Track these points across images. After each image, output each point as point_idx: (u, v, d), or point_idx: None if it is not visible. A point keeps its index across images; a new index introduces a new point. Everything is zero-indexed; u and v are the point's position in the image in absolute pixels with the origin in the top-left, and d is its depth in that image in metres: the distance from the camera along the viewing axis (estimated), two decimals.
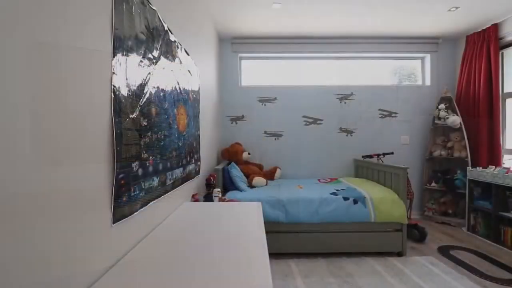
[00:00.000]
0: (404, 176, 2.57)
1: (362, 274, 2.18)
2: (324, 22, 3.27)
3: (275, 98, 3.76)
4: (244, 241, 1.08)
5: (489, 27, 3.23)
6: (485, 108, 3.22)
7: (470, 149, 3.34)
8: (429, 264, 2.33)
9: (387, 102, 3.81)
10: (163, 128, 1.37)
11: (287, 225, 2.46)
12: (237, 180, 2.69)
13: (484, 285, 2.04)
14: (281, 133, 3.75)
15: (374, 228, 2.50)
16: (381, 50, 3.80)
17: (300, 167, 3.74)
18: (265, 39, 3.70)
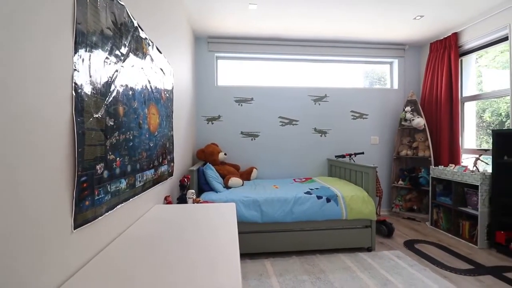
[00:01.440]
0: (373, 175, 2.70)
1: (334, 270, 2.25)
2: (300, 25, 3.34)
3: (251, 99, 3.77)
4: (216, 242, 1.07)
5: (450, 36, 3.48)
6: (446, 111, 3.47)
7: (433, 149, 3.59)
8: (396, 258, 2.47)
9: (358, 104, 3.97)
10: (132, 128, 1.32)
11: (262, 225, 2.48)
12: (213, 181, 2.66)
13: (444, 275, 2.20)
14: (257, 134, 3.77)
15: (345, 225, 2.60)
16: (353, 54, 3.95)
17: (276, 167, 3.79)
18: (242, 40, 3.70)
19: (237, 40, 3.70)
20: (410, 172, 3.77)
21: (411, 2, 2.81)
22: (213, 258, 0.93)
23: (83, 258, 0.93)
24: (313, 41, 3.82)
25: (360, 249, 2.66)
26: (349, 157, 3.58)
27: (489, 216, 2.72)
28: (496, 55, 3.29)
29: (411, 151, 3.78)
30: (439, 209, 3.30)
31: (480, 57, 3.47)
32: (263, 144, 3.77)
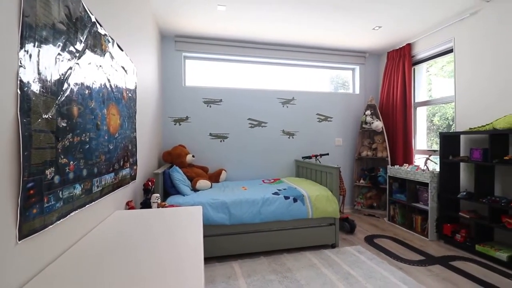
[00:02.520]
0: (337, 175, 2.84)
1: (300, 268, 2.32)
2: (269, 29, 3.40)
3: (220, 100, 3.75)
4: (179, 247, 1.05)
5: (404, 46, 3.79)
6: (401, 115, 3.77)
7: (390, 150, 3.88)
8: (357, 253, 2.62)
9: (324, 108, 4.15)
10: (89, 130, 1.24)
11: (231, 227, 2.47)
12: (179, 184, 2.59)
13: (400, 267, 2.38)
14: (226, 135, 3.75)
15: (311, 224, 2.69)
16: (319, 60, 4.12)
17: (245, 169, 3.80)
18: (211, 40, 3.66)
19: (206, 41, 3.65)
20: (370, 172, 4.03)
21: (370, 14, 3.02)
22: (175, 264, 0.91)
23: (30, 272, 0.85)
24: (281, 45, 3.90)
25: (325, 246, 2.78)
26: (315, 158, 3.72)
27: (437, 211, 3.00)
28: (444, 65, 3.65)
29: (371, 152, 4.04)
30: (395, 205, 3.57)
31: (430, 67, 3.82)
32: (232, 145, 3.77)
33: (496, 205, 2.43)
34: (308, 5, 2.81)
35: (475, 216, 2.69)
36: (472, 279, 2.16)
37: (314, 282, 2.09)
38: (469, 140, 2.94)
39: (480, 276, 2.21)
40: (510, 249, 2.45)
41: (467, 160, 2.73)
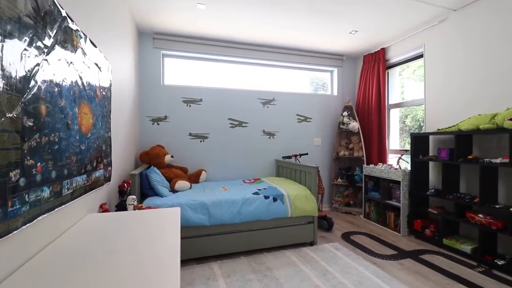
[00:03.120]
0: (315, 174, 2.91)
1: (279, 266, 2.35)
2: (250, 30, 3.41)
3: (200, 100, 3.71)
4: (154, 250, 1.03)
5: (379, 50, 3.96)
6: (376, 116, 3.93)
7: (366, 150, 4.03)
8: (334, 250, 2.70)
9: (303, 108, 4.23)
10: (58, 130, 1.18)
11: (210, 227, 2.45)
12: (157, 185, 2.53)
13: (374, 262, 2.48)
14: (206, 135, 3.71)
15: (290, 223, 2.74)
16: (299, 61, 4.19)
17: (225, 169, 3.79)
18: (191, 39, 3.61)
19: (186, 39, 3.59)
20: (347, 171, 4.16)
21: (347, 18, 3.12)
22: (149, 267, 0.89)
23: None
24: (262, 46, 3.93)
25: (304, 244, 2.84)
26: (295, 158, 3.79)
27: (408, 207, 3.17)
28: (415, 69, 3.85)
29: (348, 151, 4.18)
30: (370, 203, 3.72)
31: (403, 71, 4.02)
32: (213, 145, 3.74)
33: (461, 201, 2.61)
34: (287, 7, 2.85)
35: (443, 211, 2.87)
36: (439, 271, 2.30)
37: (292, 279, 2.13)
38: (437, 141, 3.12)
39: (446, 268, 2.37)
40: (473, 242, 2.64)
41: (435, 159, 2.90)
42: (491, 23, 2.62)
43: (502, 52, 2.53)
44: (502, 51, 2.53)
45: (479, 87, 2.71)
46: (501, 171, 2.50)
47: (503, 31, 2.52)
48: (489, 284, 2.09)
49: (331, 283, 2.07)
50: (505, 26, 2.50)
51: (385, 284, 2.06)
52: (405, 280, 2.16)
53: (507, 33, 2.49)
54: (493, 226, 2.35)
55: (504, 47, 2.51)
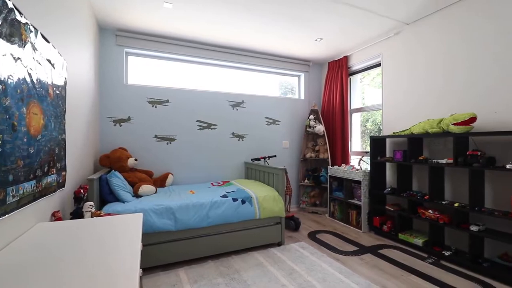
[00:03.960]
0: (283, 176, 2.97)
1: (247, 268, 2.36)
2: (218, 31, 3.39)
3: (167, 101, 3.59)
4: (111, 258, 0.97)
5: (342, 58, 4.18)
6: (339, 120, 4.14)
7: (330, 152, 4.22)
8: (301, 249, 2.78)
9: (272, 111, 4.31)
10: (2, 131, 1.07)
11: (176, 233, 2.38)
12: (119, 190, 2.40)
13: (337, 258, 2.60)
14: (173, 137, 3.61)
15: (258, 224, 2.77)
16: (268, 65, 4.27)
17: (194, 172, 3.71)
18: (157, 38, 3.49)
19: (152, 38, 3.47)
20: (314, 172, 4.32)
21: (313, 26, 3.25)
22: (105, 278, 0.84)
23: None
24: (232, 49, 3.93)
25: (272, 244, 2.89)
26: (264, 160, 3.84)
27: (368, 205, 3.38)
28: (374, 77, 4.13)
29: (314, 153, 4.35)
30: (335, 202, 3.90)
31: (364, 78, 4.29)
32: (180, 148, 3.64)
33: (413, 198, 2.85)
34: (255, 12, 2.90)
35: (398, 208, 3.11)
36: (395, 264, 2.49)
37: (260, 280, 2.15)
38: (393, 143, 3.38)
39: (401, 260, 2.56)
40: (424, 235, 2.89)
41: (391, 160, 3.14)
42: (438, 37, 2.91)
43: (448, 63, 2.82)
44: (447, 63, 2.83)
45: (428, 94, 3.00)
46: (447, 170, 2.78)
47: (448, 45, 2.82)
48: (438, 273, 2.31)
49: (297, 282, 2.12)
50: (449, 41, 2.80)
51: (346, 279, 2.17)
52: (365, 274, 2.30)
53: (451, 47, 2.79)
54: (441, 220, 2.60)
55: (448, 59, 2.81)
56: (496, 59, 2.43)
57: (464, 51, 2.67)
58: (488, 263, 2.31)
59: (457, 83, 2.73)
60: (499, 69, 2.40)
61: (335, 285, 2.09)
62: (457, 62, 2.73)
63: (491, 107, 2.45)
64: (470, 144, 2.53)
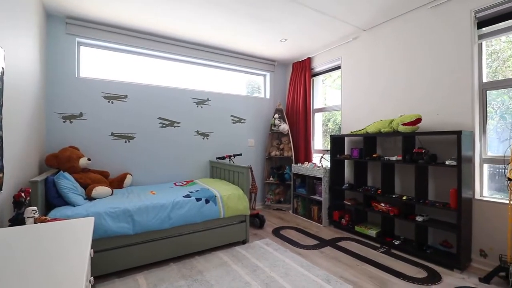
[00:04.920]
0: (248, 174, 2.99)
1: (211, 268, 2.33)
2: (182, 26, 3.27)
3: (125, 96, 3.38)
4: (56, 268, 0.89)
5: (305, 59, 4.32)
6: (303, 119, 4.29)
7: (294, 150, 4.35)
8: (265, 245, 2.83)
9: (238, 110, 4.30)
10: None
11: (135, 236, 2.26)
12: (68, 192, 2.20)
13: (299, 252, 2.70)
14: (133, 136, 3.41)
15: (223, 223, 2.75)
16: (235, 63, 4.25)
17: (155, 172, 3.55)
18: (115, 28, 3.26)
19: (109, 28, 3.22)
20: (278, 170, 4.42)
21: (277, 27, 3.31)
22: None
23: None
24: (197, 44, 3.83)
25: (236, 243, 2.89)
26: (229, 159, 3.82)
27: (329, 201, 3.55)
28: (335, 79, 4.34)
29: (279, 151, 4.44)
30: (298, 198, 4.03)
31: (325, 79, 4.48)
32: (140, 147, 3.45)
33: (368, 193, 3.07)
34: (221, 8, 2.85)
35: (355, 202, 3.32)
36: (351, 254, 2.65)
37: (223, 280, 2.13)
38: (351, 142, 3.59)
39: (356, 251, 2.74)
40: (377, 227, 3.13)
41: (349, 158, 3.33)
42: (392, 44, 3.16)
43: (399, 68, 3.08)
44: (399, 68, 3.08)
45: (381, 96, 3.24)
46: (397, 167, 3.04)
47: (396, 52, 3.07)
48: (388, 261, 2.51)
49: (260, 278, 2.15)
50: (403, 46, 3.05)
51: (307, 272, 2.26)
52: (324, 265, 2.41)
53: (399, 55, 3.05)
54: (391, 212, 2.83)
55: (401, 64, 3.06)
56: (435, 68, 2.71)
57: (409, 59, 2.93)
58: (431, 250, 2.58)
59: (404, 87, 2.99)
60: (439, 77, 2.68)
61: (296, 278, 2.16)
62: (404, 68, 2.99)
63: (433, 110, 2.73)
64: (416, 142, 2.80)
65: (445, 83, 2.65)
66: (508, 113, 2.44)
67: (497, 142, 2.47)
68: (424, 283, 2.12)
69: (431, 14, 2.75)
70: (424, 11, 2.80)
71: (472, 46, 2.47)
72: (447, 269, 2.35)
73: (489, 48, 2.54)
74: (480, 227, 2.40)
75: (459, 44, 2.55)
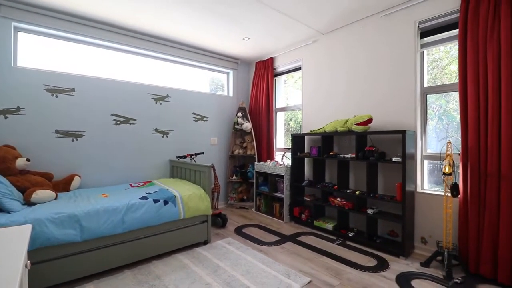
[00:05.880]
0: (209, 173, 2.93)
1: (170, 272, 2.24)
2: (140, 17, 3.07)
3: (73, 89, 3.07)
4: None
5: (268, 59, 4.37)
6: (265, 118, 4.34)
7: (257, 148, 4.39)
8: (227, 245, 2.81)
9: (200, 107, 4.19)
10: None
11: (83, 243, 2.07)
12: (1, 198, 1.92)
13: (261, 249, 2.73)
14: (81, 133, 3.11)
15: (183, 225, 2.66)
16: (196, 59, 4.12)
17: (108, 173, 3.29)
18: (60, 14, 2.93)
19: (56, 14, 2.88)
20: (241, 168, 4.42)
21: (240, 25, 3.29)
22: None
23: None
24: (157, 38, 3.64)
25: (198, 244, 2.82)
26: (190, 158, 3.71)
27: (290, 197, 3.66)
28: (297, 80, 4.47)
29: (242, 150, 4.44)
30: (261, 196, 4.08)
31: (287, 79, 4.59)
32: (91, 145, 3.17)
33: (325, 189, 3.22)
34: (180, 3, 2.74)
35: (314, 198, 3.47)
36: (310, 248, 2.77)
37: (183, 283, 2.07)
38: (310, 140, 3.74)
39: (315, 244, 2.87)
40: (334, 220, 3.30)
41: (308, 156, 3.47)
42: (347, 48, 3.34)
43: (354, 71, 3.27)
44: (353, 71, 3.28)
45: (339, 97, 3.42)
46: (351, 164, 3.24)
47: (352, 57, 3.27)
48: (343, 252, 2.67)
49: (222, 278, 2.13)
50: (357, 52, 3.25)
51: (268, 268, 2.30)
52: (285, 261, 2.48)
53: (357, 58, 3.24)
54: (346, 206, 3.01)
55: (355, 68, 3.26)
56: (385, 72, 2.94)
57: (361, 63, 3.15)
58: (380, 239, 2.80)
59: (358, 89, 3.20)
60: (387, 81, 2.92)
61: (258, 275, 2.18)
62: (358, 72, 3.20)
63: (383, 111, 2.97)
64: (368, 141, 3.01)
65: (392, 86, 2.89)
66: (445, 115, 2.75)
67: (436, 141, 2.78)
68: (374, 270, 2.30)
69: (382, 22, 2.98)
70: (377, 19, 3.02)
71: (415, 54, 2.73)
72: (394, 256, 2.58)
73: (430, 56, 2.83)
74: (421, 217, 2.68)
75: (405, 51, 2.80)
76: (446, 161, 2.26)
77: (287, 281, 2.10)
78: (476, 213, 2.22)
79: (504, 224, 2.05)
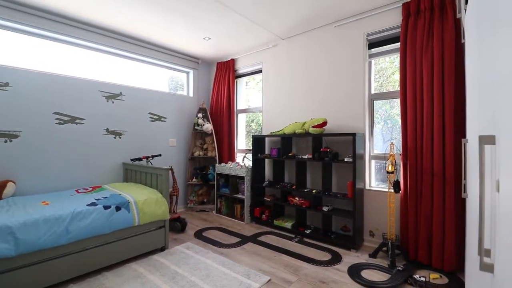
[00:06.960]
0: (167, 176, 2.82)
1: (122, 283, 2.09)
2: (91, 8, 2.82)
3: (6, 84, 2.69)
4: None
5: (229, 60, 4.36)
6: (227, 119, 4.32)
7: (218, 150, 4.34)
8: (186, 249, 2.72)
9: (157, 107, 4.00)
10: None
11: (18, 258, 1.83)
12: None
13: (221, 252, 2.70)
14: (17, 133, 2.74)
15: (138, 231, 2.51)
16: (154, 57, 3.93)
17: (50, 178, 2.95)
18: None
19: None
20: (202, 170, 4.33)
21: (201, 24, 3.23)
22: None
23: None
24: (110, 31, 3.38)
25: (154, 251, 2.69)
26: (146, 160, 3.52)
27: (250, 198, 3.69)
28: (258, 82, 4.53)
29: (203, 151, 4.36)
30: (222, 198, 4.05)
31: (249, 81, 4.63)
32: (28, 147, 2.81)
33: (285, 188, 3.33)
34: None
35: (274, 198, 3.55)
36: (270, 247, 2.82)
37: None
38: (271, 141, 3.83)
39: (275, 243, 2.94)
40: (293, 219, 3.42)
41: (268, 157, 3.54)
42: (304, 55, 3.50)
43: (309, 77, 3.43)
44: (309, 77, 3.44)
45: (297, 100, 3.56)
46: (308, 164, 3.40)
47: (310, 62, 3.43)
48: (301, 249, 2.78)
49: (180, 285, 2.06)
50: (313, 58, 3.42)
51: (229, 270, 2.29)
52: (245, 261, 2.49)
53: (313, 64, 3.41)
54: (304, 205, 3.14)
55: (311, 73, 3.42)
56: (338, 79, 3.15)
57: (317, 69, 3.33)
58: (335, 235, 2.99)
59: (314, 94, 3.37)
60: (340, 87, 3.13)
61: (218, 278, 2.15)
62: (314, 77, 3.37)
63: (337, 115, 3.17)
64: (323, 142, 3.19)
65: (344, 92, 3.10)
66: (390, 119, 3.04)
67: (382, 142, 3.06)
68: (328, 264, 2.44)
69: (336, 32, 3.18)
70: (331, 28, 3.22)
71: (364, 63, 2.97)
72: (346, 249, 2.76)
73: (377, 66, 3.11)
74: (369, 212, 2.92)
75: (355, 60, 3.03)
76: (389, 160, 2.50)
77: (247, 281, 2.11)
78: (414, 206, 2.50)
79: (436, 215, 2.34)
